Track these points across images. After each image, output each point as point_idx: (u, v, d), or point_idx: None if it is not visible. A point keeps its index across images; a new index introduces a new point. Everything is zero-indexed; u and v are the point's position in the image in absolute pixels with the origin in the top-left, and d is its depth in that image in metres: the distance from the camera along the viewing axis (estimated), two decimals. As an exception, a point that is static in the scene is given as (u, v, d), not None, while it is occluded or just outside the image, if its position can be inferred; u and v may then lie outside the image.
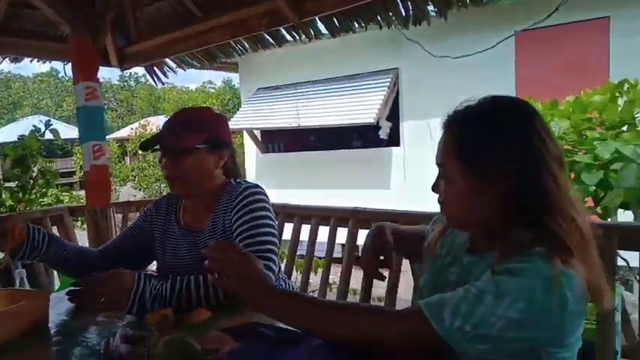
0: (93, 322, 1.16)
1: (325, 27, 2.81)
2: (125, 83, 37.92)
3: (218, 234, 1.37)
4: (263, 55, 6.07)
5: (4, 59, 3.33)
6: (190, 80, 70.90)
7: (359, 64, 6.04)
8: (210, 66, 4.74)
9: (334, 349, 0.90)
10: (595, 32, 4.58)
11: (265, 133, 7.22)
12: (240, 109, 7.29)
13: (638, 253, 1.55)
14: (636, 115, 2.83)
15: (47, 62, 3.79)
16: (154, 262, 1.56)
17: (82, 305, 1.20)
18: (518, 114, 0.89)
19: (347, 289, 2.11)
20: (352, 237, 2.14)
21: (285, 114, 6.42)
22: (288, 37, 3.00)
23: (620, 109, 2.83)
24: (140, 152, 12.10)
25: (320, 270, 2.36)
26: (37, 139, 3.38)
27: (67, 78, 34.88)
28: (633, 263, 2.12)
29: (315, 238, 2.27)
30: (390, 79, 5.79)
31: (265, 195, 1.39)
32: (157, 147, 1.40)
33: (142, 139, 1.48)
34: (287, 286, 1.54)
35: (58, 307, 1.22)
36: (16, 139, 3.62)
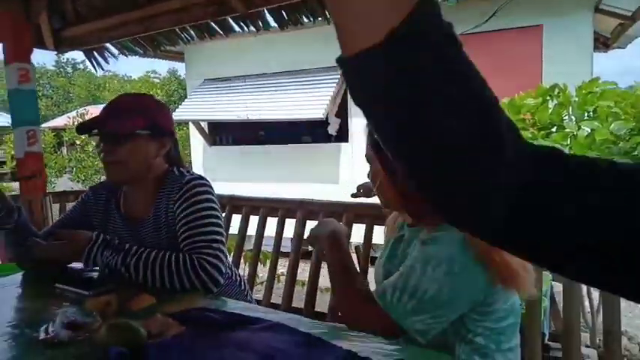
0: (33, 309, 1.12)
1: (274, 19, 2.81)
2: (61, 69, 35.66)
3: (162, 223, 1.35)
4: (211, 45, 5.96)
5: None
6: (133, 69, 68.08)
7: (308, 59, 6.06)
8: (154, 54, 4.60)
9: (280, 332, 0.92)
10: (529, 39, 4.88)
11: (213, 125, 7.08)
12: (186, 99, 7.11)
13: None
14: (564, 118, 3.05)
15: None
16: None
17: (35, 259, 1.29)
18: None
19: (294, 281, 2.14)
20: (300, 228, 2.16)
21: (233, 106, 6.32)
22: (236, 28, 2.97)
23: (550, 111, 3.04)
24: (78, 142, 11.48)
25: (268, 262, 2.36)
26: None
27: (-5, 61, 32.38)
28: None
29: (264, 230, 2.27)
30: (338, 75, 5.86)
31: (210, 187, 1.38)
32: (95, 132, 1.36)
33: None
34: (235, 276, 1.54)
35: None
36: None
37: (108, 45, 3.38)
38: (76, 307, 1.04)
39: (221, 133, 7.19)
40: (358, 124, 5.84)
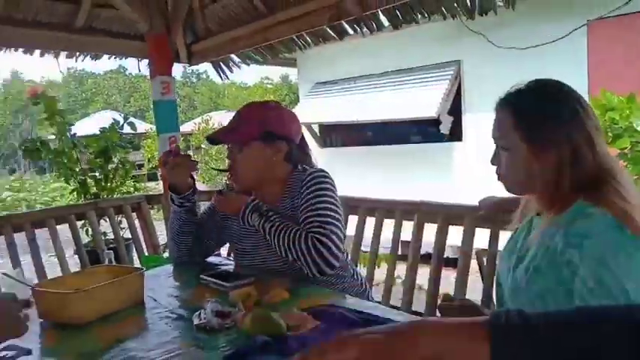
0: (185, 297, 1.26)
1: (387, 19, 2.80)
2: (187, 79, 39.39)
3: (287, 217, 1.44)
4: (322, 49, 6.12)
5: (85, 57, 3.58)
6: (247, 76, 72.43)
7: (418, 57, 5.93)
8: (273, 61, 4.86)
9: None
10: (681, 18, 4.24)
11: (323, 127, 7.28)
12: (298, 104, 7.40)
13: None
14: None
15: (121, 58, 4.02)
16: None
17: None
18: (564, 91, 1.03)
19: (414, 283, 2.10)
20: (418, 230, 2.12)
21: (343, 108, 6.44)
22: (350, 31, 3.02)
23: None
24: (203, 146, 12.59)
25: (383, 264, 2.35)
26: (116, 132, 3.62)
27: (133, 75, 36.67)
28: None
29: (380, 231, 2.27)
30: (451, 72, 5.66)
31: (329, 177, 1.46)
32: (220, 144, 1.53)
33: (205, 134, 1.63)
34: (357, 275, 1.58)
35: (150, 283, 1.33)
36: (91, 133, 3.92)
37: (232, 55, 3.66)
38: (221, 298, 1.15)
39: (331, 134, 7.36)
40: (473, 121, 5.58)
